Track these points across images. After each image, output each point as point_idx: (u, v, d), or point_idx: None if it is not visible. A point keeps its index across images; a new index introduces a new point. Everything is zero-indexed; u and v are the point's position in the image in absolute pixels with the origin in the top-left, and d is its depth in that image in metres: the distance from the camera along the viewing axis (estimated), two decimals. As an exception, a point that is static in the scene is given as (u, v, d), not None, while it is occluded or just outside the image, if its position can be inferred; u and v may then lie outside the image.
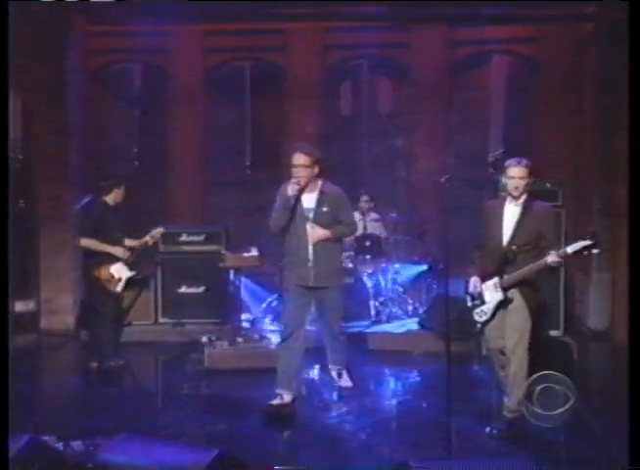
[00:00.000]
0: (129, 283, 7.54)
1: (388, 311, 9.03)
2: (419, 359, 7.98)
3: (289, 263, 6.45)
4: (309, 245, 6.30)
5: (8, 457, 4.20)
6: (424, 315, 8.78)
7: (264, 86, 11.31)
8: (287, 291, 6.51)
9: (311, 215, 6.31)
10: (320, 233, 6.29)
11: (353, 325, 8.29)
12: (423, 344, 8.15)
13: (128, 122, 11.25)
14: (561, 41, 10.25)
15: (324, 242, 6.33)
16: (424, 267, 9.34)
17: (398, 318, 9.03)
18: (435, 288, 9.11)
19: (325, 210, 6.32)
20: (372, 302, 9.00)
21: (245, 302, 8.87)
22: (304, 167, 6.20)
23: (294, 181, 6.20)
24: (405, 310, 9.18)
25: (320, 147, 6.82)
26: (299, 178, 6.20)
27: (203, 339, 8.08)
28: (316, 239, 6.29)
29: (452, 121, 11.13)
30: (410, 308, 9.21)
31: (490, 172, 10.24)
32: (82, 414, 6.44)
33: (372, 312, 8.96)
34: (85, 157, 9.84)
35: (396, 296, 9.25)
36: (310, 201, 6.33)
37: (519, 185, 5.60)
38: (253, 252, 8.08)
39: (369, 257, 9.12)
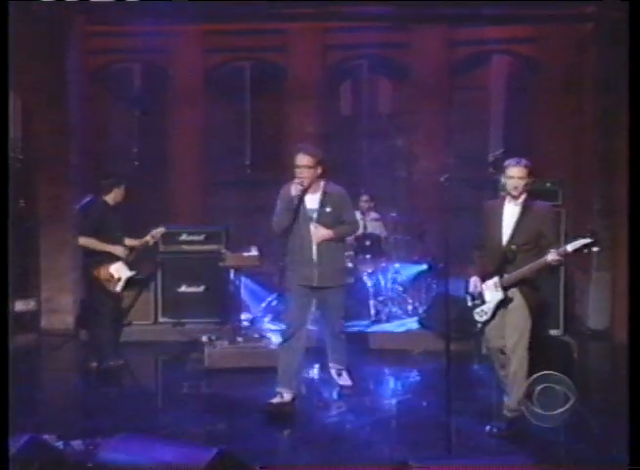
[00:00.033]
0: (129, 283, 7.53)
1: (387, 311, 9.03)
2: (419, 359, 7.99)
3: (291, 263, 6.44)
4: (313, 245, 6.32)
5: (8, 456, 4.20)
6: (424, 315, 8.79)
7: (264, 86, 11.32)
8: (289, 291, 6.51)
9: (315, 216, 6.32)
10: (324, 233, 6.31)
11: (353, 324, 8.29)
12: (423, 343, 8.16)
13: (128, 122, 11.26)
14: (561, 41, 10.24)
15: (328, 242, 6.35)
16: (424, 267, 9.35)
17: (398, 318, 9.04)
18: (435, 287, 9.13)
19: (328, 210, 6.34)
20: (372, 301, 8.99)
21: (244, 301, 8.88)
22: (308, 168, 6.21)
23: (297, 182, 6.20)
24: (405, 310, 9.18)
25: (320, 147, 6.81)
26: (303, 179, 6.20)
27: (203, 338, 8.08)
28: (320, 239, 6.30)
29: (452, 121, 11.13)
30: (410, 308, 9.21)
31: (490, 172, 10.23)
32: (82, 414, 6.44)
33: (372, 312, 8.95)
34: (85, 157, 9.83)
35: (396, 295, 9.26)
36: (313, 201, 6.34)
37: (518, 185, 5.61)
38: (253, 251, 8.08)
39: (369, 256, 9.12)
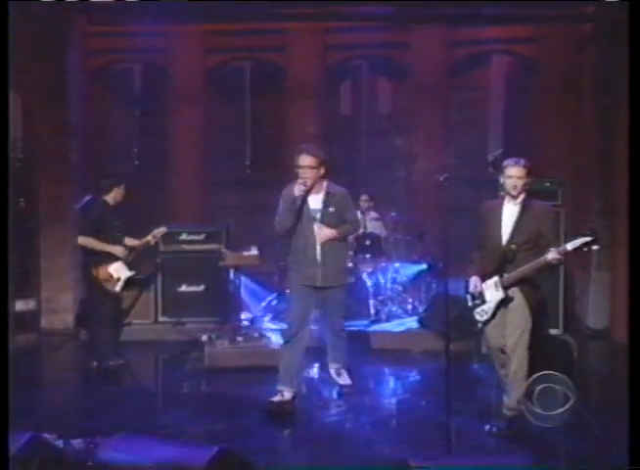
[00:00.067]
0: (129, 283, 7.52)
1: (387, 310, 9.03)
2: (418, 358, 8.00)
3: (294, 264, 6.47)
4: (317, 245, 6.35)
5: (8, 455, 4.21)
6: (423, 314, 8.79)
7: (264, 86, 11.33)
8: (292, 291, 6.54)
9: (318, 216, 6.36)
10: (327, 233, 6.35)
11: (353, 324, 8.29)
12: (422, 342, 8.17)
13: (128, 122, 11.27)
14: (560, 41, 10.25)
15: (331, 242, 6.39)
16: (423, 266, 9.35)
17: (398, 317, 9.03)
18: (435, 287, 9.12)
19: (331, 210, 6.38)
20: (371, 300, 8.99)
21: (244, 301, 8.89)
22: (310, 169, 6.24)
23: (300, 182, 6.23)
24: (405, 309, 9.18)
25: (320, 147, 6.82)
26: (306, 179, 6.24)
27: (203, 338, 8.09)
28: (323, 239, 6.35)
29: (452, 121, 11.14)
30: (410, 307, 9.22)
31: (490, 172, 10.24)
32: (82, 413, 6.43)
33: (372, 311, 8.95)
34: (85, 156, 9.84)
35: (396, 295, 9.25)
36: (317, 202, 6.38)
37: (517, 184, 5.63)
38: (253, 251, 8.09)
39: (369, 256, 9.13)
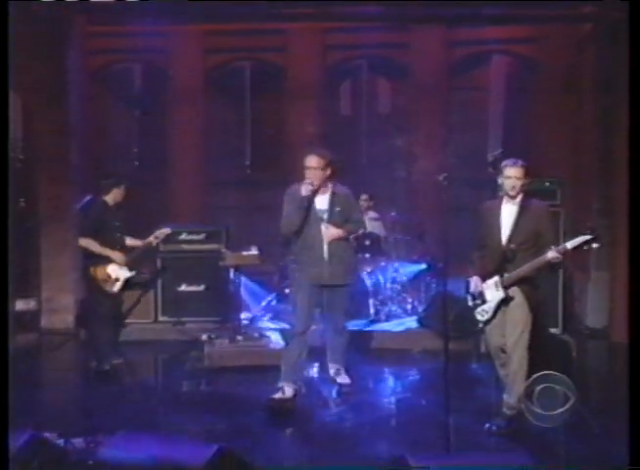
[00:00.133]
0: (129, 283, 7.53)
1: (387, 310, 9.04)
2: (418, 357, 8.02)
3: (300, 263, 6.56)
4: (324, 244, 6.45)
5: (8, 455, 4.22)
6: (423, 314, 8.80)
7: (264, 86, 11.34)
8: (297, 289, 6.58)
9: (325, 216, 6.48)
10: (334, 233, 6.47)
11: (353, 323, 8.29)
12: (422, 342, 8.18)
13: (128, 122, 11.28)
14: (560, 41, 10.26)
15: (337, 241, 6.50)
16: (423, 266, 9.36)
17: (397, 317, 9.05)
18: (434, 287, 9.13)
19: (338, 210, 6.50)
20: (371, 300, 9.00)
21: (244, 300, 8.90)
22: (318, 169, 6.33)
23: (307, 183, 6.30)
24: (404, 309, 9.19)
25: (324, 147, 6.85)
26: (313, 180, 6.31)
27: (203, 337, 8.10)
28: (331, 238, 6.46)
29: (452, 121, 11.15)
30: (409, 307, 9.22)
31: (490, 172, 10.22)
32: (82, 413, 6.42)
33: (371, 311, 8.96)
34: (85, 157, 9.83)
35: (396, 294, 9.26)
36: (323, 202, 6.49)
37: (515, 185, 5.65)
38: (253, 251, 8.10)
39: (368, 255, 9.14)
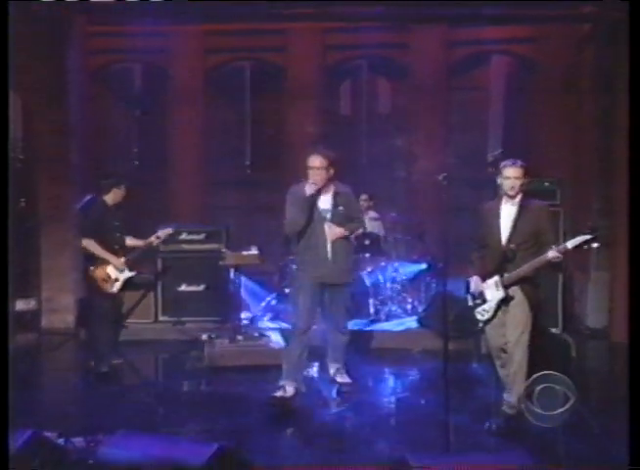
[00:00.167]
0: (129, 283, 7.53)
1: (387, 310, 9.05)
2: (418, 357, 8.02)
3: (302, 263, 6.59)
4: (327, 244, 6.50)
5: (8, 454, 4.22)
6: (423, 314, 8.81)
7: (264, 86, 11.34)
8: (300, 289, 6.59)
9: (329, 216, 6.52)
10: (337, 232, 6.52)
11: (353, 323, 8.29)
12: (421, 342, 8.19)
13: (128, 122, 11.29)
14: (560, 41, 10.25)
15: (340, 240, 6.56)
16: (423, 266, 9.36)
17: (397, 317, 9.05)
18: (434, 286, 9.13)
19: (340, 209, 6.55)
20: (371, 300, 9.01)
21: (244, 300, 8.90)
22: (321, 169, 6.37)
23: (311, 182, 6.35)
24: (404, 309, 9.20)
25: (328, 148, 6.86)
26: (316, 180, 6.35)
27: (203, 337, 8.12)
28: (334, 237, 6.50)
29: (451, 121, 11.15)
30: (409, 307, 9.23)
31: (490, 172, 10.23)
32: (83, 413, 6.42)
33: (371, 311, 8.97)
34: (85, 157, 9.84)
35: (395, 294, 9.26)
36: (326, 202, 6.53)
37: (515, 185, 5.67)
38: (253, 251, 8.11)
39: (368, 255, 9.15)
